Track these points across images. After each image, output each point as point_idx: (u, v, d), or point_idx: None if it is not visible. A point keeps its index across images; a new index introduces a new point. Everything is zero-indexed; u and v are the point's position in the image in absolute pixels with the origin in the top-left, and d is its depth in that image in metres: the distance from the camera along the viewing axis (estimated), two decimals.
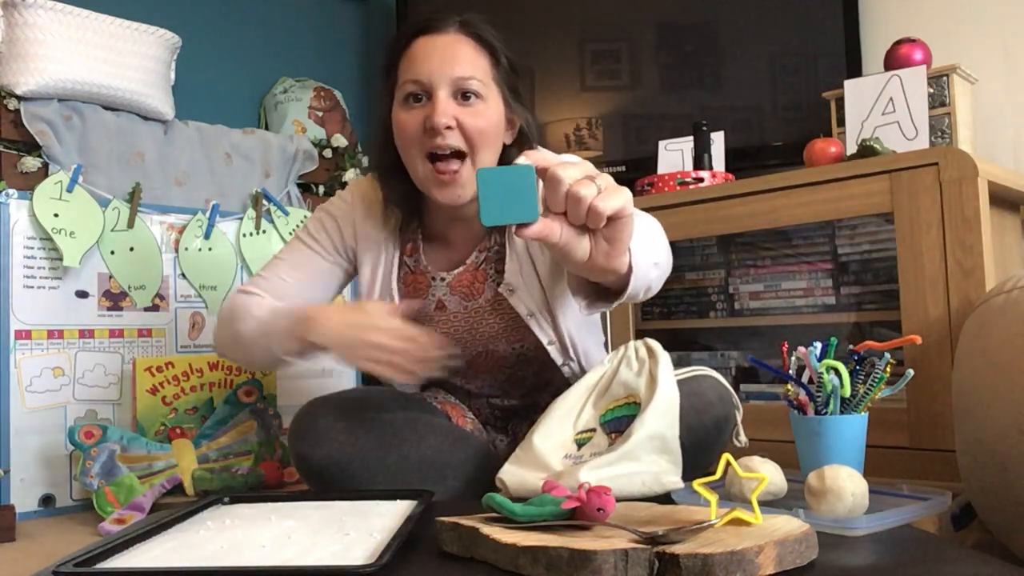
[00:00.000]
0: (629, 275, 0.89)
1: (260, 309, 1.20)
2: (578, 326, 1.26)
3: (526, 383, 1.33)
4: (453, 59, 1.13)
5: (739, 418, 1.14)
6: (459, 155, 1.14)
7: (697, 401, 1.09)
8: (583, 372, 1.27)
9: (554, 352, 1.25)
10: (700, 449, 1.08)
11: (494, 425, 1.37)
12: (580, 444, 1.09)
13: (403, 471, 1.14)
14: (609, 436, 1.07)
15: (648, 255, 0.94)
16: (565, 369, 1.27)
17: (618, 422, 1.07)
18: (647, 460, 1.01)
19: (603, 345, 1.37)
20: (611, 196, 0.78)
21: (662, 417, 1.02)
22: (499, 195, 0.74)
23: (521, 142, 1.21)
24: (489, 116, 1.15)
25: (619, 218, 0.80)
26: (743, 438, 1.13)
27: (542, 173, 0.79)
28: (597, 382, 1.14)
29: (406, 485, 1.13)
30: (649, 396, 1.05)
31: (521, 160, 0.77)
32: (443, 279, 1.26)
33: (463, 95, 1.13)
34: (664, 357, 1.09)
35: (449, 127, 1.11)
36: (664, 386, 1.05)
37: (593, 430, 1.09)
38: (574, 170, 0.78)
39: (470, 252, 1.26)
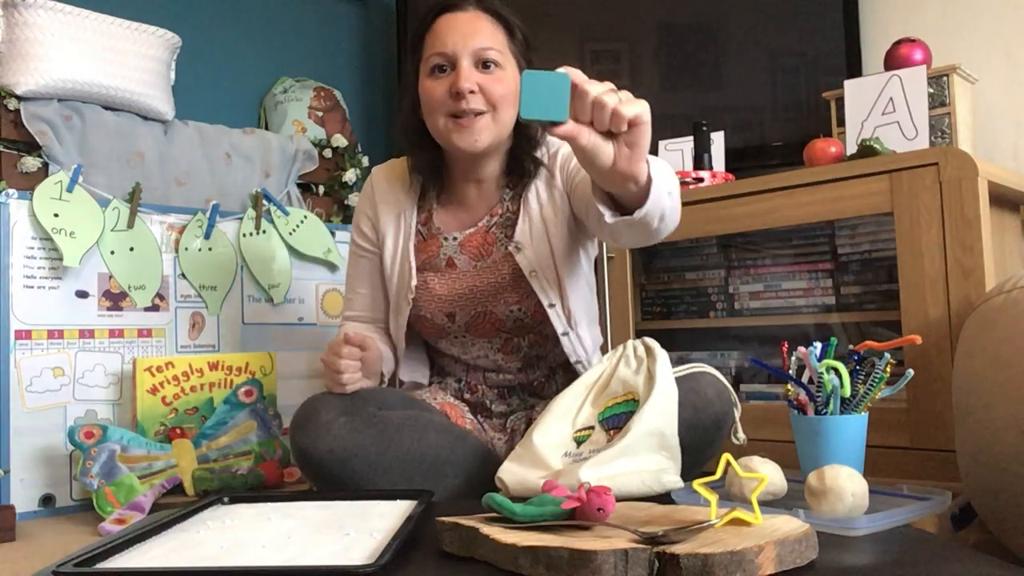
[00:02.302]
0: (649, 186, 0.97)
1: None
2: (579, 299, 1.32)
3: (520, 353, 1.35)
4: (474, 32, 1.25)
5: (737, 415, 1.15)
6: (481, 115, 1.24)
7: (696, 398, 1.10)
8: (582, 348, 1.31)
9: (554, 316, 1.28)
10: (699, 446, 1.09)
11: (490, 414, 1.37)
12: (579, 442, 1.09)
13: (403, 467, 1.15)
14: (608, 433, 1.07)
15: (663, 180, 1.01)
16: (565, 340, 1.29)
17: (617, 419, 1.08)
18: (646, 457, 1.01)
19: (599, 333, 1.40)
20: (631, 104, 0.90)
21: (660, 413, 1.03)
22: (538, 94, 0.86)
23: None
24: (507, 82, 1.25)
25: (638, 124, 0.90)
26: (741, 435, 1.13)
27: (573, 87, 0.89)
28: (596, 380, 1.15)
29: (406, 481, 1.14)
30: (647, 393, 1.05)
31: (560, 70, 0.88)
32: (455, 238, 1.34)
33: (484, 64, 1.25)
34: (662, 355, 1.10)
35: (472, 91, 1.22)
36: (662, 383, 1.05)
37: (592, 427, 1.10)
38: (600, 85, 0.90)
39: (483, 215, 1.34)
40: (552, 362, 1.38)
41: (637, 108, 0.89)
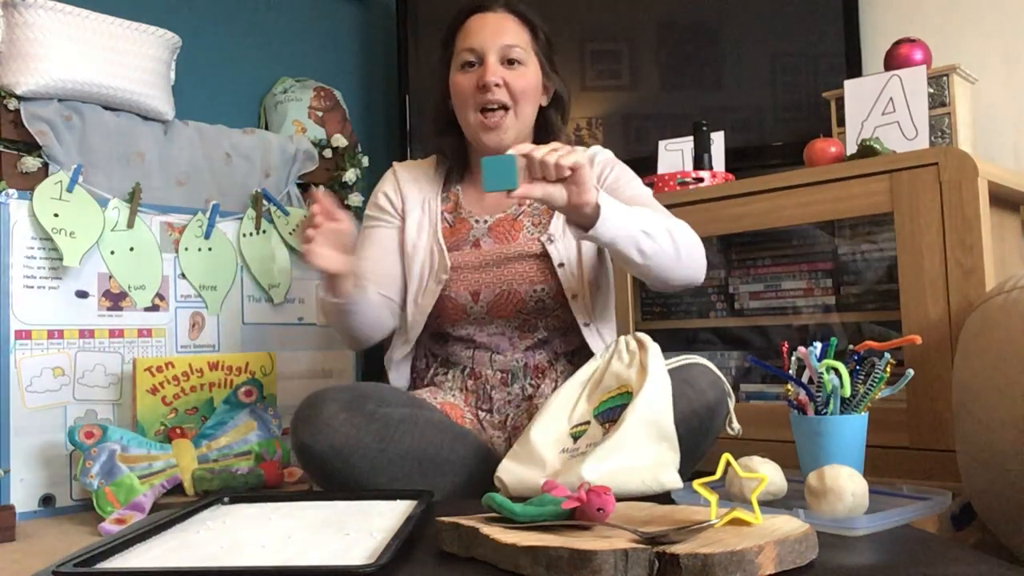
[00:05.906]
0: (597, 212, 1.16)
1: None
2: (601, 296, 1.41)
3: (535, 335, 1.39)
4: (501, 31, 1.38)
5: (731, 405, 1.16)
6: (504, 108, 1.37)
7: (689, 388, 1.12)
8: (601, 341, 1.37)
9: (576, 307, 1.36)
10: (695, 436, 1.11)
11: (490, 406, 1.38)
12: (576, 437, 1.10)
13: (403, 465, 1.17)
14: (603, 426, 1.08)
15: (633, 218, 1.20)
16: (586, 331, 1.36)
17: (611, 412, 1.09)
18: (645, 450, 1.01)
19: (615, 332, 1.44)
20: (569, 155, 1.12)
21: (655, 403, 1.03)
22: (494, 172, 1.11)
23: (555, 105, 1.46)
24: (529, 79, 1.39)
25: (577, 168, 1.11)
26: (736, 425, 1.14)
27: (524, 157, 1.12)
28: (589, 377, 1.17)
29: (406, 479, 1.15)
30: (640, 384, 1.06)
31: (509, 151, 1.11)
32: (485, 221, 1.43)
33: (509, 61, 1.37)
34: (654, 347, 1.11)
35: (498, 84, 1.35)
36: (655, 374, 1.06)
37: (588, 423, 1.10)
38: (544, 148, 1.13)
39: (511, 203, 1.44)
40: (558, 348, 1.41)
41: (574, 157, 1.12)
